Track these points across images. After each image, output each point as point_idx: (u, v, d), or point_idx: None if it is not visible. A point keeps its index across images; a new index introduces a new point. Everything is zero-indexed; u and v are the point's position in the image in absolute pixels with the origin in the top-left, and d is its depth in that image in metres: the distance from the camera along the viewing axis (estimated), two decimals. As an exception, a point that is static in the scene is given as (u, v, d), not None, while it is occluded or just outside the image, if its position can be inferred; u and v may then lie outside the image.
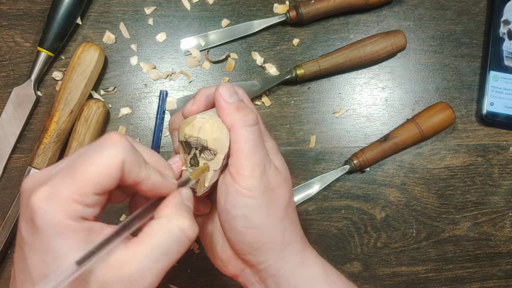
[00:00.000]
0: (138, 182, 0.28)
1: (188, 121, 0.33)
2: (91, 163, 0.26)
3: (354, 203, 0.55)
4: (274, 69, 0.55)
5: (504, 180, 0.58)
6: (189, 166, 0.34)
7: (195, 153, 0.33)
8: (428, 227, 0.56)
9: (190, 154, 0.33)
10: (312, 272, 0.35)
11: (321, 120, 0.56)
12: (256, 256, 0.34)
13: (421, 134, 0.54)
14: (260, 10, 0.56)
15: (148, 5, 0.54)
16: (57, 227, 0.25)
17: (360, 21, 0.57)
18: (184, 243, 0.28)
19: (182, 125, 0.33)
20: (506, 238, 0.58)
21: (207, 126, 0.32)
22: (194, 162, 0.33)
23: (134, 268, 0.26)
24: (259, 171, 0.32)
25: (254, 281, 0.35)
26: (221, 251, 0.36)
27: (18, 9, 0.52)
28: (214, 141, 0.32)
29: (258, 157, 0.33)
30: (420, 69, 0.58)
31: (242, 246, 0.33)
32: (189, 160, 0.33)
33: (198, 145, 0.33)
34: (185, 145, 0.33)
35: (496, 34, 0.58)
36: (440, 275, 0.57)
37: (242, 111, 0.33)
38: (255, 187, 0.32)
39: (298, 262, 0.35)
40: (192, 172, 0.33)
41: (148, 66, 0.53)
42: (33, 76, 0.50)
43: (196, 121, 0.33)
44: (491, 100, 0.57)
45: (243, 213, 0.32)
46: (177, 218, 0.28)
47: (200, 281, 0.53)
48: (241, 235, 0.33)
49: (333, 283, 0.35)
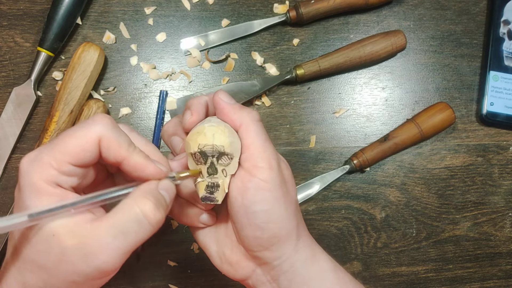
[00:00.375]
0: (118, 160, 0.30)
1: (198, 131, 0.33)
2: (70, 136, 0.28)
3: (354, 203, 0.55)
4: (274, 69, 0.55)
5: (504, 180, 0.58)
6: (207, 176, 0.33)
7: (212, 161, 0.33)
8: (428, 227, 0.56)
9: (207, 163, 0.33)
10: (323, 267, 0.35)
11: (321, 120, 0.56)
12: (273, 252, 0.34)
13: (421, 134, 0.54)
14: (260, 10, 0.56)
15: (148, 5, 0.54)
16: (33, 187, 0.28)
17: (360, 21, 0.57)
18: (145, 226, 0.29)
19: (191, 136, 0.33)
20: (506, 238, 0.58)
21: (220, 132, 0.32)
22: (212, 170, 0.33)
23: (93, 241, 0.28)
24: (275, 163, 0.33)
25: (265, 280, 0.35)
26: (230, 253, 0.36)
27: (18, 9, 0.52)
28: (230, 145, 0.32)
29: (270, 149, 0.33)
30: (420, 69, 0.58)
31: (261, 242, 0.33)
32: (206, 170, 0.33)
33: (215, 153, 0.32)
34: (200, 155, 0.33)
35: (496, 34, 0.58)
36: (440, 275, 0.57)
37: (246, 109, 0.34)
38: (273, 179, 0.32)
39: (310, 256, 0.35)
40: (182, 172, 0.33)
41: (148, 66, 0.53)
42: (33, 76, 0.50)
43: (207, 130, 0.32)
44: (491, 100, 0.57)
45: (263, 208, 0.32)
46: (142, 201, 0.29)
47: (200, 281, 0.53)
48: (260, 230, 0.33)
49: (341, 278, 0.36)
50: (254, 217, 0.33)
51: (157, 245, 0.52)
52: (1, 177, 0.51)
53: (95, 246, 0.28)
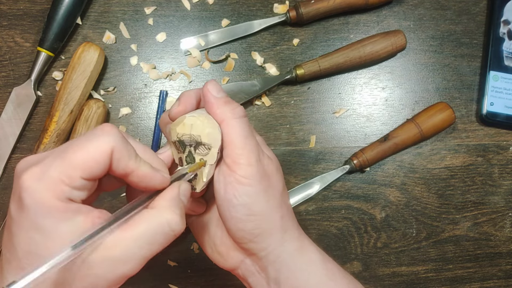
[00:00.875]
0: (127, 172, 0.29)
1: (178, 121, 0.34)
2: (80, 148, 0.27)
3: (354, 203, 0.55)
4: (274, 69, 0.55)
5: (504, 180, 0.58)
6: (185, 164, 0.34)
7: (190, 150, 0.34)
8: (428, 227, 0.56)
9: (185, 152, 0.34)
10: (311, 258, 0.36)
11: (321, 120, 0.56)
12: (258, 243, 0.35)
13: (421, 134, 0.54)
14: (260, 10, 0.56)
15: (148, 5, 0.54)
16: (45, 206, 0.26)
17: (360, 21, 0.57)
18: (169, 237, 0.30)
19: (172, 126, 0.34)
20: (506, 238, 0.58)
21: (198, 122, 0.33)
22: (190, 159, 0.34)
23: (119, 252, 0.28)
24: (254, 159, 0.33)
25: (254, 270, 0.36)
26: (220, 243, 0.37)
27: (18, 9, 0.52)
28: (207, 136, 0.33)
29: (251, 145, 0.34)
30: (420, 69, 0.58)
31: (244, 234, 0.34)
32: (184, 158, 0.34)
33: (192, 142, 0.34)
34: (179, 144, 0.34)
35: (496, 34, 0.58)
36: (440, 275, 0.57)
37: (230, 105, 0.34)
38: (252, 174, 0.33)
39: (297, 248, 0.36)
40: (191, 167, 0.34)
41: (148, 66, 0.53)
42: (33, 76, 0.50)
43: (186, 120, 0.33)
44: (491, 100, 0.57)
45: (244, 201, 0.33)
46: (167, 212, 0.29)
47: (200, 281, 0.53)
48: (242, 222, 0.34)
49: (330, 269, 0.36)
50: (235, 210, 0.33)
51: (157, 245, 0.52)
52: (1, 177, 0.51)
53: (122, 257, 0.28)
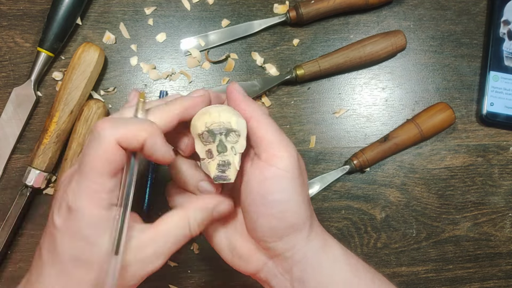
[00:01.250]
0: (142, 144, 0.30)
1: (203, 112, 0.33)
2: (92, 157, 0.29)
3: (354, 203, 0.55)
4: (274, 69, 0.55)
5: (504, 180, 0.58)
6: (217, 154, 0.33)
7: (221, 139, 0.33)
8: (428, 227, 0.56)
9: (216, 141, 0.33)
10: (334, 255, 0.36)
11: (321, 120, 0.56)
12: (286, 242, 0.34)
13: (421, 134, 0.54)
14: (260, 10, 0.56)
15: (148, 5, 0.54)
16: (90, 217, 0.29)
17: (360, 21, 0.57)
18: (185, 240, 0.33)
19: (197, 117, 0.33)
20: (506, 238, 0.58)
21: (225, 111, 0.33)
22: (221, 148, 0.33)
23: (151, 251, 0.31)
24: (294, 151, 0.33)
25: (277, 272, 0.35)
26: (241, 247, 0.36)
27: (18, 9, 0.52)
28: (237, 122, 0.32)
29: (287, 139, 0.34)
30: (420, 69, 0.58)
31: (276, 231, 0.33)
32: (215, 148, 0.33)
33: (222, 129, 0.32)
34: (208, 134, 0.33)
35: (496, 34, 0.58)
36: (440, 275, 0.57)
37: (256, 104, 0.35)
38: (293, 166, 0.33)
39: (322, 245, 0.35)
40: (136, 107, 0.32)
41: (148, 66, 0.53)
42: (33, 76, 0.50)
43: (212, 109, 0.33)
44: (491, 100, 0.57)
45: (282, 197, 0.33)
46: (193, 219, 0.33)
47: (200, 281, 0.53)
48: (277, 219, 0.33)
49: (353, 265, 0.36)
50: (271, 206, 0.33)
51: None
52: (1, 177, 0.51)
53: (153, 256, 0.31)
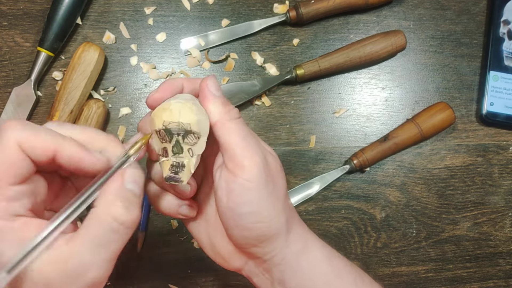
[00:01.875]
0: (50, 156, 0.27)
1: (164, 107, 0.31)
2: None
3: (354, 203, 0.55)
4: (274, 69, 0.55)
5: (504, 180, 0.58)
6: (171, 155, 0.31)
7: (178, 140, 0.31)
8: (428, 227, 0.56)
9: (172, 142, 0.31)
10: (315, 256, 0.35)
11: (321, 120, 0.56)
12: (263, 248, 0.33)
13: (421, 134, 0.54)
14: (260, 10, 0.56)
15: (148, 5, 0.54)
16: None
17: (360, 21, 0.57)
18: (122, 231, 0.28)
19: (156, 112, 0.31)
20: (506, 238, 0.58)
21: (187, 109, 0.30)
22: (177, 149, 0.31)
23: (76, 263, 0.26)
24: (259, 158, 0.31)
25: (258, 272, 0.35)
26: (221, 247, 0.35)
27: (18, 9, 0.52)
28: (197, 124, 0.31)
29: (253, 145, 0.32)
30: (420, 69, 0.58)
31: (249, 241, 0.33)
32: (171, 148, 0.31)
33: (181, 130, 0.31)
34: (164, 133, 0.31)
35: (496, 34, 0.58)
36: (440, 275, 0.57)
37: (227, 106, 0.32)
38: (258, 177, 0.31)
39: (301, 247, 0.34)
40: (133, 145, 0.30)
41: (148, 66, 0.53)
42: (33, 76, 0.50)
43: (173, 106, 0.30)
44: (491, 100, 0.57)
45: (249, 210, 0.31)
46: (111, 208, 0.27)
47: (200, 281, 0.53)
48: (248, 230, 0.32)
49: (335, 266, 0.35)
50: (240, 219, 0.31)
51: (157, 245, 0.52)
52: None
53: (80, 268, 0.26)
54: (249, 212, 0.31)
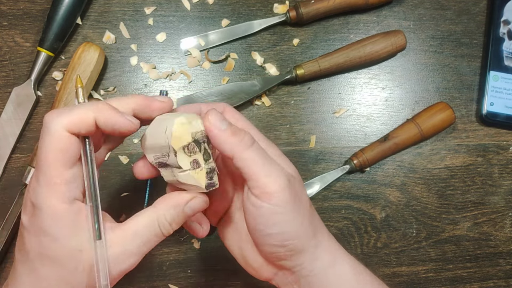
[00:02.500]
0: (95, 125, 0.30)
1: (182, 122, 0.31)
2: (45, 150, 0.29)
3: (354, 203, 0.55)
4: (274, 69, 0.55)
5: (504, 180, 0.58)
6: (203, 163, 0.32)
7: (205, 147, 0.32)
8: (428, 227, 0.56)
9: (202, 150, 0.32)
10: (343, 271, 0.35)
11: (321, 120, 0.56)
12: (292, 262, 0.34)
13: (421, 134, 0.54)
14: (260, 10, 0.56)
15: (148, 5, 0.54)
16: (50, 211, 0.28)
17: (360, 21, 0.57)
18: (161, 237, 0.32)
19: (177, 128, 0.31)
20: (506, 238, 0.58)
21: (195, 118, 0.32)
22: (207, 156, 0.32)
23: (120, 250, 0.30)
24: (283, 183, 0.32)
25: (287, 282, 0.36)
26: (252, 259, 0.36)
27: (18, 9, 0.52)
28: None
29: (274, 169, 0.32)
30: (420, 69, 0.58)
31: (278, 255, 0.34)
32: (202, 157, 0.32)
33: (204, 137, 0.32)
34: (194, 145, 0.31)
35: (496, 34, 0.58)
36: (440, 275, 0.57)
37: (238, 136, 0.32)
38: (286, 201, 0.32)
39: (330, 261, 0.35)
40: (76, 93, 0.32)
41: (148, 66, 0.53)
42: (33, 76, 0.50)
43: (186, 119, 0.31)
44: (491, 100, 0.57)
45: (278, 231, 0.32)
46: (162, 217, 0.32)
47: (200, 281, 0.53)
48: (277, 247, 0.33)
49: (362, 281, 0.36)
50: (269, 238, 0.33)
51: (157, 245, 0.52)
52: (1, 177, 0.51)
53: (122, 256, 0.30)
54: (277, 233, 0.32)
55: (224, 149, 0.32)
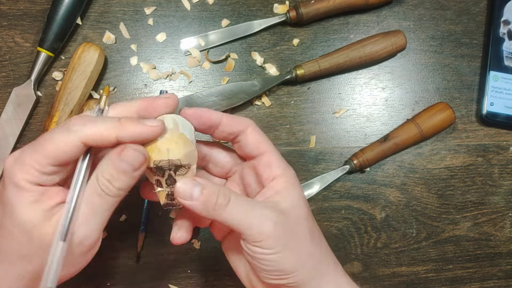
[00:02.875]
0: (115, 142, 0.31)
1: (151, 148, 0.32)
2: (50, 141, 0.30)
3: (354, 203, 0.55)
4: (274, 69, 0.55)
5: (504, 180, 0.58)
6: (165, 186, 0.33)
7: (170, 174, 0.33)
8: (428, 227, 0.56)
9: (165, 176, 0.33)
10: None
11: (321, 120, 0.56)
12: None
13: (421, 134, 0.54)
14: (260, 10, 0.56)
15: (148, 5, 0.54)
16: (16, 185, 0.29)
17: (360, 21, 0.57)
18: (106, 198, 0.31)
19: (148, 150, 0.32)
20: (506, 238, 0.58)
21: (173, 145, 0.32)
22: (170, 181, 0.33)
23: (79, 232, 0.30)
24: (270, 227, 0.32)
25: None
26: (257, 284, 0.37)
27: (18, 9, 0.52)
28: (186, 157, 0.32)
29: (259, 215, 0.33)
30: (420, 69, 0.58)
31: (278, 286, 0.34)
32: (164, 181, 0.33)
33: (171, 166, 0.32)
34: (156, 170, 0.33)
35: (496, 34, 0.58)
36: (440, 275, 0.57)
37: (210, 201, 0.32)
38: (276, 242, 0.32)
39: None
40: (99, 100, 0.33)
41: (148, 66, 0.53)
42: (33, 76, 0.50)
43: (160, 145, 0.32)
44: (491, 100, 0.57)
45: (274, 268, 0.33)
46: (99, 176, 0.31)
47: (200, 281, 0.53)
48: (275, 280, 0.34)
49: None
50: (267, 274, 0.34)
51: (157, 245, 0.52)
52: (1, 177, 0.51)
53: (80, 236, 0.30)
54: (273, 270, 0.33)
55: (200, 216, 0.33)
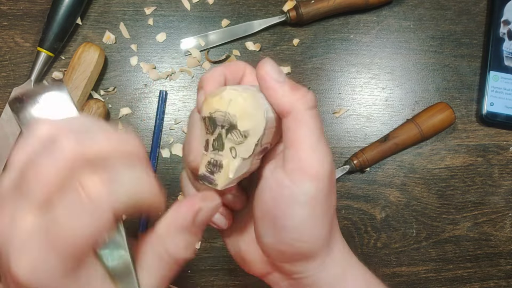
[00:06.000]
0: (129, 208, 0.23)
1: (215, 93, 0.26)
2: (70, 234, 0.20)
3: (354, 203, 0.55)
4: (274, 69, 0.55)
5: (504, 180, 0.58)
6: (211, 150, 0.26)
7: (220, 133, 0.26)
8: (428, 227, 0.56)
9: (214, 134, 0.26)
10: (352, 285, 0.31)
11: (321, 120, 0.56)
12: (295, 267, 0.28)
13: (421, 134, 0.54)
14: (260, 10, 0.56)
15: (148, 5, 0.54)
16: None
17: (360, 21, 0.57)
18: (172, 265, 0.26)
19: (207, 98, 0.26)
20: (506, 238, 0.58)
21: (240, 100, 0.25)
22: (218, 145, 0.26)
23: None
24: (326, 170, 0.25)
25: (282, 285, 0.30)
26: (246, 251, 0.31)
27: (18, 9, 0.52)
28: (246, 119, 0.25)
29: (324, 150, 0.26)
30: (420, 69, 0.58)
31: (284, 256, 0.28)
32: (211, 142, 0.26)
33: (226, 123, 0.26)
34: (209, 122, 0.26)
35: (496, 34, 0.58)
36: (440, 275, 0.57)
37: (299, 91, 0.26)
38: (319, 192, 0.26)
39: (337, 274, 0.30)
40: None
41: (148, 66, 0.53)
42: (33, 76, 0.50)
43: (226, 93, 0.25)
44: (491, 100, 0.57)
45: (296, 225, 0.26)
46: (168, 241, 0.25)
47: (200, 281, 0.53)
48: (286, 246, 0.27)
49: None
50: (282, 231, 0.26)
51: (157, 245, 0.52)
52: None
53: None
54: (293, 226, 0.26)
55: (279, 102, 0.26)
